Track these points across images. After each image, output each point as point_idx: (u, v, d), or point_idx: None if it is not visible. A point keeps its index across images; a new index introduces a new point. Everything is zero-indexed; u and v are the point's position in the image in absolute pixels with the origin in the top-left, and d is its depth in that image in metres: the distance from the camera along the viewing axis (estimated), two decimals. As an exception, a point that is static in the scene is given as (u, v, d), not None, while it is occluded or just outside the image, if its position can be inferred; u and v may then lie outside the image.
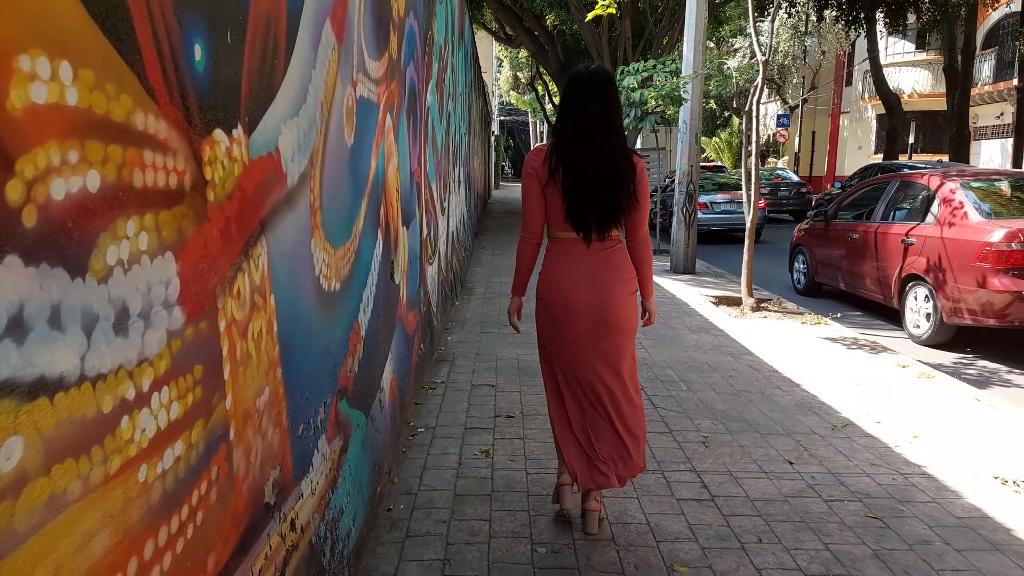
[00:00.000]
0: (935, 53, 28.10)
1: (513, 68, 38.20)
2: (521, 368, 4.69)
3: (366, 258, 2.63)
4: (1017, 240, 5.27)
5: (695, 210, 9.50)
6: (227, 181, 1.29)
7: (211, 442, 1.25)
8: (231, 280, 1.32)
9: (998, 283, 5.26)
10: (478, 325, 5.98)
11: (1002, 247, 5.29)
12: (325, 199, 1.99)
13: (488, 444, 3.40)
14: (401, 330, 3.56)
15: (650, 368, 4.79)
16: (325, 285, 2.01)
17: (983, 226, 5.55)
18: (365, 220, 2.57)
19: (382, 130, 2.93)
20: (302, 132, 1.75)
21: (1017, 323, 5.27)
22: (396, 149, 3.33)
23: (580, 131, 2.41)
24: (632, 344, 2.57)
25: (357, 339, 2.48)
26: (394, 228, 3.27)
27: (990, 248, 5.34)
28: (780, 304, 7.33)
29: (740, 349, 5.44)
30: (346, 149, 2.27)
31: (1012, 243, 5.28)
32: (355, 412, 2.44)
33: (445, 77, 6.05)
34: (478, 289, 7.79)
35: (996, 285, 5.27)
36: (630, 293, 2.52)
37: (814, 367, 4.94)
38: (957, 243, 5.62)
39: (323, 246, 1.98)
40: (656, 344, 5.48)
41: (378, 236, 2.87)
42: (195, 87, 1.16)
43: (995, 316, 5.33)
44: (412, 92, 3.90)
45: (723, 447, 3.43)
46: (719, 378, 4.62)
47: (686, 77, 8.78)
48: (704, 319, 6.52)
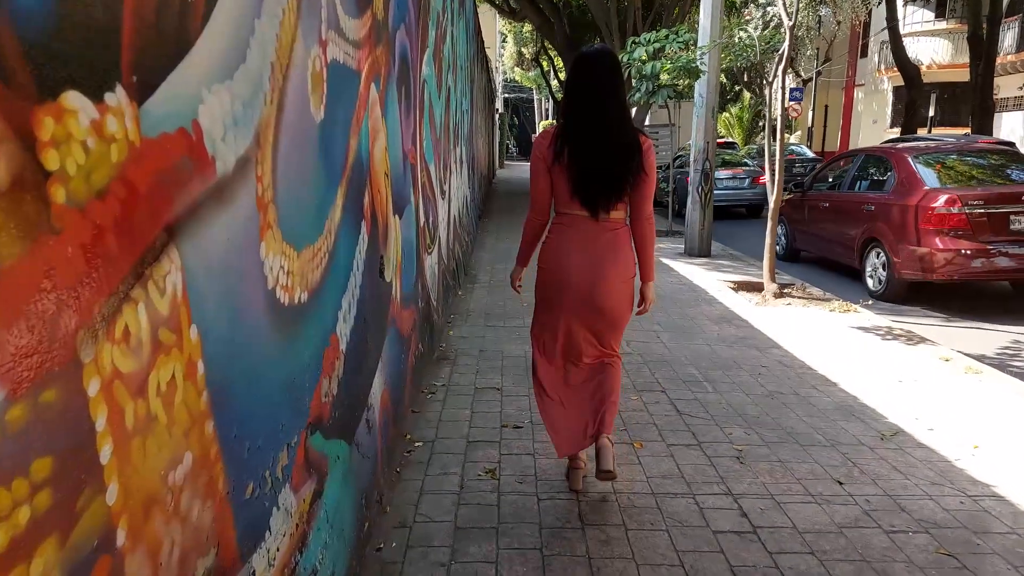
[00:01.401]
0: (956, 21, 27.17)
1: (517, 44, 37.29)
2: (529, 367, 4.28)
3: (345, 257, 2.21)
4: (956, 205, 6.07)
5: (711, 189, 9.02)
6: (95, 172, 0.86)
7: (79, 563, 0.84)
8: (109, 317, 0.90)
9: (939, 243, 6.11)
10: (482, 318, 5.57)
11: (942, 211, 6.10)
12: (281, 189, 1.56)
13: (494, 461, 3.00)
14: (395, 333, 3.15)
15: (670, 366, 4.37)
16: (284, 298, 1.59)
17: (929, 193, 6.33)
18: (343, 211, 2.14)
19: (365, 102, 2.48)
20: (240, 101, 1.32)
21: (956, 277, 6.16)
22: (384, 126, 2.89)
23: (588, 110, 2.46)
24: (621, 331, 2.66)
25: (335, 356, 2.07)
26: (383, 218, 2.84)
27: (932, 212, 6.15)
28: (804, 289, 6.88)
29: (766, 341, 5.01)
30: (313, 125, 1.83)
31: (952, 207, 6.08)
32: (334, 443, 2.04)
33: (444, 48, 5.56)
34: (482, 277, 7.37)
35: (938, 244, 6.11)
36: (628, 278, 2.56)
37: (850, 362, 4.51)
38: (907, 208, 6.41)
39: (280, 249, 1.56)
40: (675, 336, 5.05)
41: (362, 229, 2.44)
42: (18, 23, 0.74)
43: (938, 272, 6.15)
44: (404, 60, 3.44)
45: (760, 462, 3.01)
46: (747, 376, 4.20)
47: (703, 47, 8.24)
48: (724, 307, 6.09)
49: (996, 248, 6.03)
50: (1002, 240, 6.04)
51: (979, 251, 6.01)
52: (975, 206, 6.07)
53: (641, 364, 4.37)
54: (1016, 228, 6.08)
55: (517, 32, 34.69)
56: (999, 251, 6.03)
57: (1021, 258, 6.03)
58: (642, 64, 9.23)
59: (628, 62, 9.26)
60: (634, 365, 4.35)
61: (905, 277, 6.42)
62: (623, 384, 3.23)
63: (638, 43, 9.35)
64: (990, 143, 12.02)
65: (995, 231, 6.05)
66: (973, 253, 6.01)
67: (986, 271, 6.08)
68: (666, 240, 10.48)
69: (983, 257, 6.02)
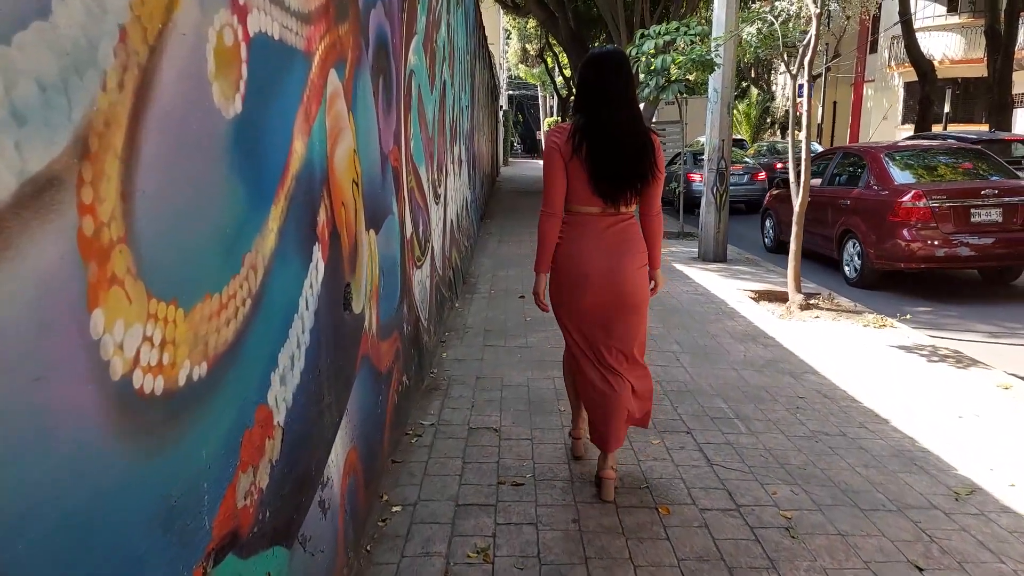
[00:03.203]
0: (969, 16, 26.49)
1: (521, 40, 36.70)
2: (532, 400, 3.73)
3: (285, 295, 1.66)
4: (921, 199, 6.59)
5: (727, 190, 8.45)
6: None
7: None
8: None
9: (907, 234, 6.62)
10: (480, 335, 5.02)
11: (909, 205, 6.62)
12: (146, 220, 1.02)
13: (488, 534, 2.45)
14: (368, 373, 2.60)
15: (695, 397, 3.81)
16: (151, 385, 1.04)
17: (898, 188, 6.87)
18: (279, 237, 1.60)
19: (319, 94, 1.94)
20: (35, 82, 0.77)
21: (923, 265, 6.74)
22: (353, 123, 2.35)
23: (603, 108, 2.52)
24: (645, 319, 2.71)
25: (266, 434, 1.52)
26: (350, 237, 2.29)
27: (900, 205, 6.66)
28: (832, 300, 6.31)
29: (799, 365, 4.45)
30: (219, 122, 1.29)
31: (918, 201, 6.60)
32: (261, 559, 1.49)
33: (437, 36, 5.01)
34: (482, 286, 6.81)
35: (905, 235, 6.62)
36: (641, 266, 2.64)
37: (897, 391, 3.95)
38: (878, 202, 6.92)
39: (142, 313, 1.01)
40: (696, 359, 4.49)
41: (315, 255, 1.90)
42: None
43: (906, 260, 6.70)
44: (383, 46, 2.89)
45: (816, 536, 2.46)
46: (783, 411, 3.64)
47: (719, 38, 7.66)
48: (748, 322, 5.53)
49: (958, 239, 6.53)
50: (964, 231, 6.56)
51: (943, 241, 6.53)
52: (939, 200, 6.58)
53: (661, 396, 3.82)
54: (977, 220, 6.60)
55: (521, 28, 34.09)
56: (961, 241, 6.53)
57: (981, 248, 6.57)
58: (651, 58, 8.67)
59: (636, 56, 8.70)
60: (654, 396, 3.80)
61: (877, 266, 6.95)
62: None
63: (647, 36, 8.78)
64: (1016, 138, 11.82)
65: (958, 223, 6.56)
66: (937, 243, 6.54)
67: (950, 260, 6.64)
68: (677, 243, 9.91)
69: (946, 247, 6.53)
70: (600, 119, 2.50)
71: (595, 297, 2.57)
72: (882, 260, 6.86)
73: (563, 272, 2.62)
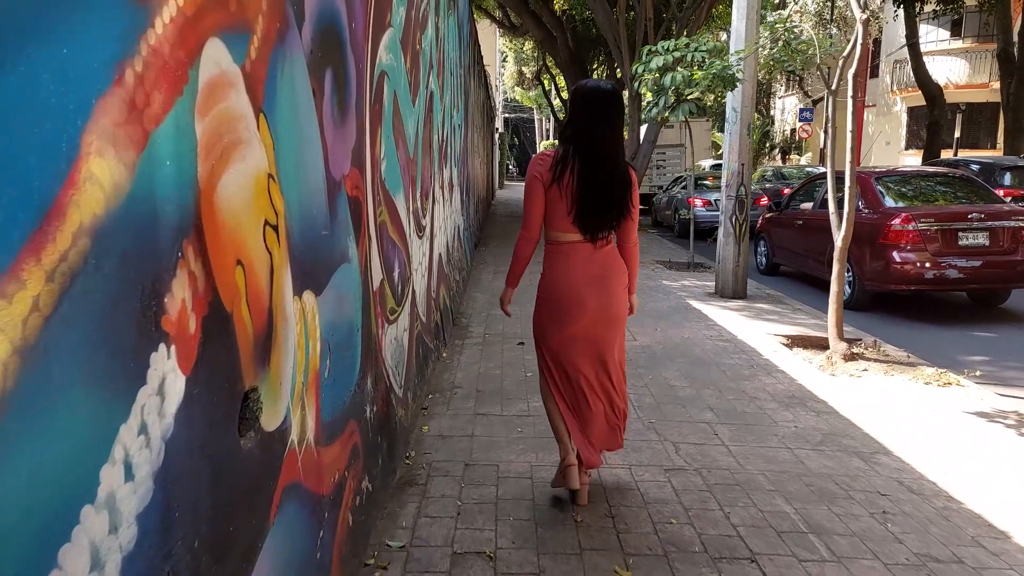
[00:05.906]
0: (973, 40, 26.08)
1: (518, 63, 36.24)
2: (539, 502, 2.84)
3: (70, 449, 0.79)
4: (910, 222, 6.69)
5: (747, 219, 7.63)
6: None
7: None
8: None
9: (896, 256, 6.69)
10: (472, 399, 4.12)
11: (898, 228, 6.72)
12: None
13: None
14: (299, 506, 1.72)
15: (747, 494, 2.93)
16: None
17: (888, 211, 6.98)
18: (48, 345, 0.73)
19: (172, 74, 1.09)
20: None
21: (913, 287, 6.81)
22: (267, 133, 1.50)
23: (590, 140, 2.62)
24: (623, 330, 2.85)
25: None
26: (258, 315, 1.43)
27: (889, 228, 6.75)
28: (879, 348, 5.46)
29: (865, 441, 3.58)
30: None
31: (907, 224, 6.70)
32: None
33: (423, 38, 4.20)
34: (475, 328, 5.93)
35: (895, 258, 6.69)
36: (624, 285, 2.77)
37: (999, 482, 3.09)
38: (870, 225, 6.88)
39: None
40: (738, 433, 3.62)
41: (155, 364, 1.03)
42: None
43: (896, 282, 6.77)
44: (332, 30, 2.05)
45: None
46: (867, 517, 2.76)
47: (740, 51, 6.89)
48: (788, 379, 4.66)
49: (946, 261, 6.61)
50: (952, 254, 6.65)
51: (932, 264, 6.60)
52: (928, 223, 6.69)
53: (704, 491, 2.94)
54: (964, 243, 6.68)
55: (518, 51, 33.61)
56: (949, 264, 6.61)
57: (969, 270, 6.64)
58: (659, 76, 7.92)
59: (643, 74, 7.94)
60: (693, 492, 2.92)
61: (869, 288, 7.01)
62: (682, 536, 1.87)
63: (655, 52, 8.03)
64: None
65: (946, 246, 6.65)
66: (927, 266, 6.61)
67: (939, 282, 6.70)
68: (689, 275, 9.08)
69: (936, 269, 6.60)
70: (587, 150, 2.60)
71: (589, 320, 2.68)
72: (873, 282, 6.95)
73: (558, 300, 2.70)
